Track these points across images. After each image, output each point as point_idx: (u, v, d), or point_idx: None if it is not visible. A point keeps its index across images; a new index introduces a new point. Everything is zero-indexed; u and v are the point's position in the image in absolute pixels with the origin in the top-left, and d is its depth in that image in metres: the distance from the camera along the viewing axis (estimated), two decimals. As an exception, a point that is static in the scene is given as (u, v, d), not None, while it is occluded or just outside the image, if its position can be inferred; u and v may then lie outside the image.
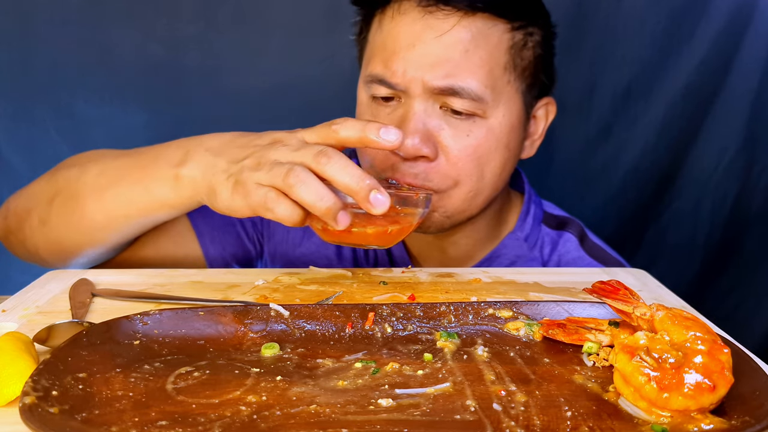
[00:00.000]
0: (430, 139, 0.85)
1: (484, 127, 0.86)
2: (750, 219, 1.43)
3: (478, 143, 0.85)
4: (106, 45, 1.40)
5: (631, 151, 1.45)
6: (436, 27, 0.82)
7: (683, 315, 0.57)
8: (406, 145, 0.83)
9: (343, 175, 0.64)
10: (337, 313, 0.67)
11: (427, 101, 0.84)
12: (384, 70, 0.85)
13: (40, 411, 0.47)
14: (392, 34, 0.85)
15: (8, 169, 1.47)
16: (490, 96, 0.84)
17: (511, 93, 0.87)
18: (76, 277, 0.81)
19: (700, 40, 1.36)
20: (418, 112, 0.84)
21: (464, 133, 0.85)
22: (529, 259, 0.99)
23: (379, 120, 0.87)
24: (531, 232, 1.00)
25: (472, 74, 0.83)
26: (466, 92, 0.83)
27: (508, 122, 0.87)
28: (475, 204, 0.90)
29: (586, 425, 0.49)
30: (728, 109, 1.39)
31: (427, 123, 0.85)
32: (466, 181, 0.87)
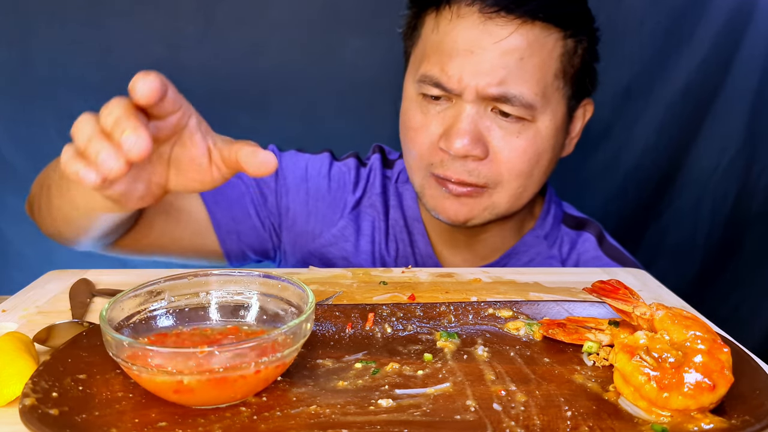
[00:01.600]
0: (481, 140, 0.86)
1: (532, 129, 0.87)
2: (750, 218, 1.43)
3: (527, 144, 0.87)
4: (106, 45, 1.40)
5: (631, 151, 1.45)
6: (495, 33, 0.83)
7: (683, 314, 0.57)
8: (456, 146, 0.85)
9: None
10: (337, 313, 0.67)
11: (479, 105, 0.86)
12: (440, 74, 0.86)
13: (40, 412, 0.47)
14: (450, 37, 0.86)
15: (8, 169, 1.47)
16: (540, 102, 0.86)
17: (558, 98, 0.89)
18: (76, 277, 0.81)
19: (700, 40, 1.36)
20: (470, 115, 0.86)
21: (514, 135, 0.87)
22: (548, 256, 1.00)
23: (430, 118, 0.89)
24: (551, 231, 1.01)
25: (525, 82, 0.84)
26: (518, 99, 0.84)
27: (554, 126, 0.89)
28: (520, 202, 0.92)
29: (586, 425, 0.49)
30: (728, 109, 1.39)
31: (478, 124, 0.86)
32: (514, 180, 0.89)
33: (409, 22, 0.95)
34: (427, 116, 0.89)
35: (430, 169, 0.90)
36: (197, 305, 0.62)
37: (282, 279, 0.61)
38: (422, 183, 0.93)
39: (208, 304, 0.62)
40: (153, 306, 0.60)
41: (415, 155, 0.92)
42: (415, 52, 0.93)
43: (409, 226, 1.03)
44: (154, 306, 0.60)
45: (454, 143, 0.85)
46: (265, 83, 1.45)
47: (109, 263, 1.53)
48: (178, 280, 0.62)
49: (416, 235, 1.02)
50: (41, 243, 1.52)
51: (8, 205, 1.50)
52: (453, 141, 0.85)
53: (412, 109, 0.92)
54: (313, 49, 1.42)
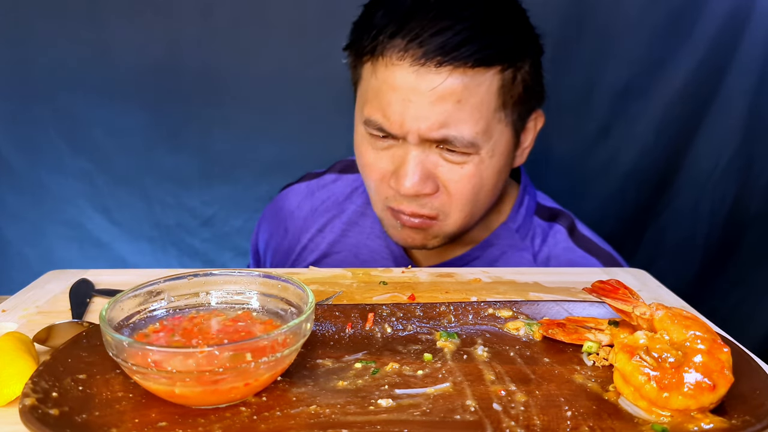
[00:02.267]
0: (430, 177, 0.89)
1: (476, 159, 0.89)
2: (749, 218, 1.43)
3: (472, 173, 0.89)
4: (106, 45, 1.40)
5: (629, 151, 1.45)
6: (429, 80, 0.84)
7: (683, 314, 0.57)
8: (406, 187, 0.88)
9: None
10: (336, 313, 0.67)
11: (423, 144, 0.88)
12: (382, 119, 0.88)
13: (40, 412, 0.47)
14: (388, 84, 0.87)
15: (8, 168, 1.47)
16: (482, 139, 0.88)
17: (501, 128, 0.90)
18: (75, 277, 0.81)
19: (698, 40, 1.35)
20: (416, 156, 0.88)
21: (458, 166, 0.89)
22: (520, 249, 1.01)
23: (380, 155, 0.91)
24: (523, 223, 1.03)
25: (465, 123, 0.86)
26: (459, 140, 0.86)
27: (499, 152, 0.91)
28: (471, 222, 0.96)
29: (586, 425, 0.49)
30: (726, 109, 1.39)
31: (425, 163, 0.89)
32: (463, 207, 0.92)
33: (351, 61, 0.96)
34: (377, 153, 0.92)
35: (386, 202, 0.94)
36: (197, 305, 0.62)
37: (282, 279, 0.62)
38: (381, 214, 0.98)
39: (207, 304, 0.62)
40: (153, 306, 0.60)
41: (371, 187, 0.96)
42: (359, 90, 0.95)
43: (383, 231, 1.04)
44: (154, 306, 0.60)
45: (403, 184, 0.88)
46: (265, 83, 1.45)
47: (109, 263, 1.54)
48: (178, 280, 0.62)
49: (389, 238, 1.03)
50: (41, 243, 1.53)
51: (8, 204, 1.50)
52: (402, 182, 0.88)
53: (363, 145, 0.94)
54: (313, 49, 1.42)
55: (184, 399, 0.51)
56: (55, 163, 1.48)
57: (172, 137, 1.48)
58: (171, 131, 1.48)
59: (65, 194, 1.50)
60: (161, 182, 1.50)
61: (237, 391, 0.51)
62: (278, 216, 1.15)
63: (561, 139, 1.46)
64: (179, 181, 1.50)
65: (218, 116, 1.47)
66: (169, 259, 1.56)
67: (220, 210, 1.52)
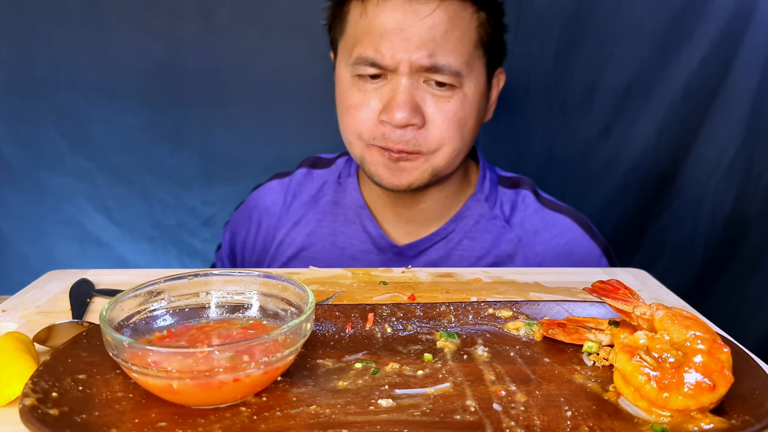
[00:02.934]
0: (418, 110, 0.95)
1: (460, 95, 0.96)
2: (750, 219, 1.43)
3: (457, 108, 0.96)
4: (106, 45, 1.40)
5: (631, 151, 1.45)
6: (420, 11, 0.92)
7: (683, 314, 0.57)
8: (397, 118, 0.93)
9: None
10: (337, 313, 0.67)
11: (413, 77, 0.94)
12: (374, 53, 0.94)
13: (40, 412, 0.47)
14: (379, 19, 0.94)
15: (8, 168, 1.47)
16: (465, 70, 0.95)
17: (480, 66, 0.98)
18: (76, 277, 0.81)
19: (699, 40, 1.35)
20: (407, 87, 0.94)
21: (444, 101, 0.95)
22: (491, 217, 1.08)
23: (368, 95, 0.97)
24: (490, 193, 1.09)
25: (451, 53, 0.93)
26: (447, 68, 0.93)
27: (478, 91, 0.99)
28: (456, 162, 1.01)
29: (586, 425, 0.49)
30: (728, 109, 1.38)
31: (414, 95, 0.95)
32: (450, 142, 0.97)
33: (334, 13, 1.03)
34: (365, 94, 0.97)
35: (373, 141, 0.98)
36: (197, 305, 0.62)
37: (282, 279, 0.62)
38: (362, 153, 1.01)
39: (208, 304, 0.63)
40: (153, 306, 0.60)
41: (354, 131, 1.00)
42: (344, 39, 1.01)
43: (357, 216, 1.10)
44: (154, 306, 0.60)
45: (395, 115, 0.93)
46: (265, 83, 1.45)
47: (109, 263, 1.54)
48: (178, 280, 0.62)
49: (365, 221, 1.09)
50: (41, 243, 1.53)
51: (8, 203, 1.50)
52: (394, 113, 0.94)
53: (349, 91, 1.00)
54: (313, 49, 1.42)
55: (184, 399, 0.51)
56: (55, 163, 1.48)
57: (172, 137, 1.48)
58: (171, 131, 1.48)
59: (65, 194, 1.50)
60: (162, 182, 1.50)
61: (237, 392, 0.51)
62: (252, 216, 1.18)
63: (563, 139, 1.46)
64: (180, 181, 1.50)
65: (219, 116, 1.46)
66: (170, 259, 1.56)
67: (220, 210, 1.52)
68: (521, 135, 1.47)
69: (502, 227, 1.07)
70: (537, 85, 1.41)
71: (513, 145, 1.46)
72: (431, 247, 1.06)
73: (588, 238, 1.06)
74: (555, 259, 1.05)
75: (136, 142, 1.48)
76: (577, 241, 1.06)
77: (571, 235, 1.06)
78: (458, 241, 1.06)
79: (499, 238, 1.06)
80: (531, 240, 1.06)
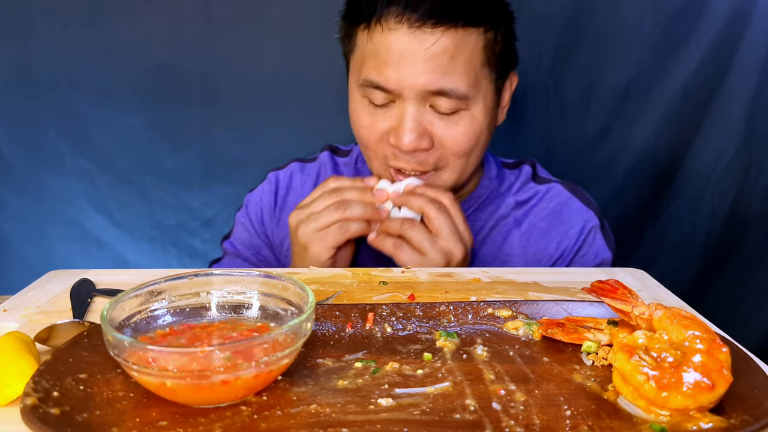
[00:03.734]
0: (426, 134, 0.97)
1: (468, 116, 0.98)
2: (749, 219, 1.43)
3: (466, 129, 0.98)
4: (106, 45, 1.41)
5: (629, 152, 1.45)
6: (424, 40, 0.92)
7: (682, 314, 0.57)
8: (405, 143, 0.96)
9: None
10: (337, 312, 0.67)
11: (419, 102, 0.96)
12: (379, 77, 0.95)
13: (41, 412, 0.47)
14: (384, 46, 0.95)
15: (8, 168, 1.47)
16: (473, 92, 0.97)
17: (487, 84, 0.99)
18: (76, 277, 0.81)
19: (698, 41, 1.36)
20: (413, 113, 0.96)
21: (453, 124, 0.97)
22: (501, 194, 1.13)
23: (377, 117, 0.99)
24: (497, 174, 1.15)
25: (458, 76, 0.94)
26: (454, 93, 0.95)
27: (486, 108, 1.00)
28: (465, 175, 1.05)
29: (585, 424, 0.50)
30: (727, 110, 1.39)
31: (421, 121, 0.96)
32: (458, 160, 1.01)
33: (345, 30, 1.04)
34: (374, 116, 1.00)
35: (386, 161, 1.01)
36: (198, 305, 0.62)
37: (282, 279, 0.62)
38: (379, 172, 1.05)
39: (208, 304, 0.63)
40: (154, 306, 0.61)
41: (369, 148, 1.03)
42: (353, 58, 1.02)
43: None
44: (155, 306, 0.61)
45: (403, 140, 0.96)
46: (265, 84, 1.45)
47: (109, 263, 1.54)
48: (179, 280, 0.62)
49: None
50: (42, 243, 1.53)
51: (9, 204, 1.50)
52: (402, 139, 0.96)
53: (359, 111, 1.02)
54: (313, 49, 1.42)
55: (184, 399, 0.51)
56: (56, 164, 1.48)
57: (172, 137, 1.48)
58: (171, 131, 1.48)
59: (66, 194, 1.50)
60: (162, 182, 1.51)
61: (237, 391, 0.51)
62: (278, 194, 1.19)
63: (562, 140, 1.47)
64: (180, 182, 1.51)
65: (219, 117, 1.47)
66: (170, 259, 1.56)
67: (220, 210, 1.52)
68: (520, 136, 1.47)
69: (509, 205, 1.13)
70: (535, 86, 1.41)
71: (512, 146, 1.46)
72: None
73: (576, 201, 1.12)
74: (544, 219, 1.11)
75: (137, 142, 1.48)
76: (565, 202, 1.12)
77: (561, 198, 1.12)
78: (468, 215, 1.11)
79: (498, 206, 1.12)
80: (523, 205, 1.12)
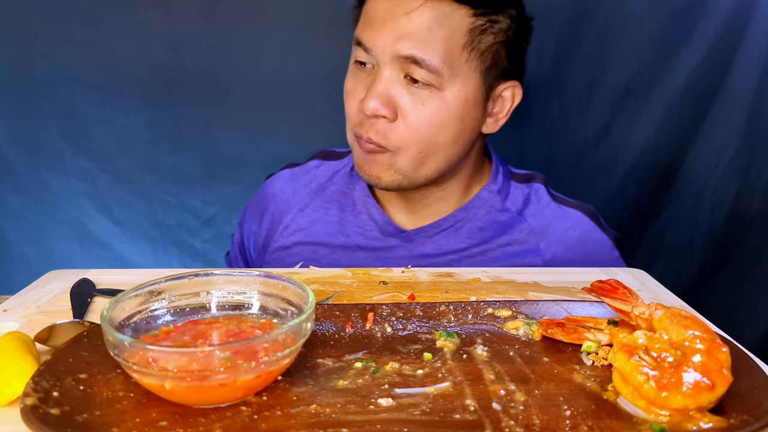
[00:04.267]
0: (391, 103, 0.95)
1: (439, 98, 0.95)
2: (749, 218, 1.43)
3: (432, 112, 0.95)
4: (107, 45, 1.41)
5: (630, 151, 1.45)
6: (404, 6, 0.93)
7: (682, 314, 0.57)
8: (368, 106, 0.94)
9: None
10: (337, 312, 0.67)
11: (393, 69, 0.94)
12: (362, 35, 0.97)
13: (41, 412, 0.47)
14: (372, 6, 0.97)
15: (8, 168, 1.47)
16: (447, 71, 0.94)
17: (468, 71, 0.96)
18: (76, 277, 0.81)
19: (699, 40, 1.36)
20: (384, 79, 0.95)
21: (420, 102, 0.95)
22: (502, 209, 1.08)
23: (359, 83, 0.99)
24: (503, 186, 1.10)
25: (433, 50, 0.92)
26: (425, 63, 0.92)
27: (463, 96, 0.96)
28: (427, 167, 0.99)
29: (585, 424, 0.50)
30: (727, 109, 1.39)
31: (390, 89, 0.95)
32: (416, 144, 0.96)
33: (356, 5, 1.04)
34: (356, 82, 0.99)
35: (354, 129, 1.00)
36: (198, 305, 0.62)
37: (282, 279, 0.62)
38: (351, 142, 1.03)
39: (208, 304, 0.63)
40: (154, 306, 0.61)
41: (347, 117, 1.02)
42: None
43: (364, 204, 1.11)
44: (155, 306, 0.61)
45: (367, 103, 0.94)
46: (265, 83, 1.45)
47: (109, 263, 1.54)
48: (179, 280, 0.62)
49: (371, 209, 1.10)
50: (42, 243, 1.53)
51: (9, 204, 1.50)
52: (367, 102, 0.95)
53: (349, 76, 1.02)
54: (313, 49, 1.42)
55: (185, 399, 0.51)
56: (56, 163, 1.48)
57: (173, 137, 1.48)
58: (172, 131, 1.48)
59: (66, 194, 1.50)
60: (162, 182, 1.51)
61: (238, 391, 0.51)
62: (261, 202, 1.19)
63: (562, 139, 1.47)
64: (180, 181, 1.51)
65: (219, 116, 1.47)
66: (170, 259, 1.56)
67: (221, 210, 1.52)
68: (520, 135, 1.47)
69: (512, 218, 1.08)
70: (536, 84, 1.41)
71: (512, 145, 1.46)
72: (440, 233, 1.07)
73: (599, 230, 1.07)
74: (569, 249, 1.06)
75: (137, 142, 1.48)
76: (589, 232, 1.07)
77: (584, 228, 1.07)
78: (468, 229, 1.07)
79: (511, 227, 1.07)
80: (544, 231, 1.07)
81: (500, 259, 1.05)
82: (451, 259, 1.05)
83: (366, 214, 1.10)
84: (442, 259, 1.05)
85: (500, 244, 1.06)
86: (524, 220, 1.07)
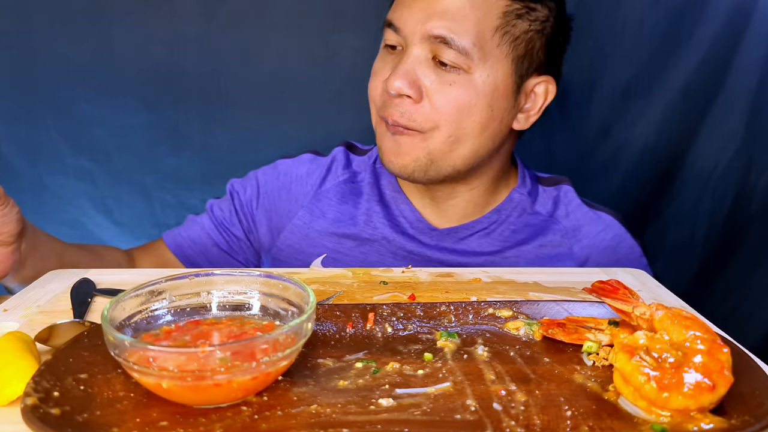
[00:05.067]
0: (416, 83, 0.93)
1: (467, 81, 0.93)
2: (749, 218, 1.43)
3: (459, 94, 0.93)
4: (107, 44, 1.41)
5: (630, 151, 1.46)
6: None
7: (682, 314, 0.57)
8: (393, 84, 0.92)
9: None
10: (337, 312, 0.67)
11: (422, 49, 0.92)
12: (392, 15, 0.96)
13: (42, 412, 0.47)
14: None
15: (8, 168, 1.47)
16: (477, 54, 0.91)
17: (499, 56, 0.93)
18: (77, 277, 0.81)
19: (699, 40, 1.36)
20: (412, 58, 0.93)
21: (447, 84, 0.92)
22: (533, 212, 1.08)
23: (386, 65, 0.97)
24: (532, 189, 1.09)
25: (464, 30, 0.91)
26: (455, 44, 0.90)
27: (492, 82, 0.94)
28: (456, 154, 0.96)
29: (585, 425, 0.50)
30: (727, 109, 1.39)
31: (416, 69, 0.93)
32: (445, 126, 0.94)
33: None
34: (384, 64, 0.98)
35: (379, 111, 0.98)
36: (198, 305, 0.62)
37: (283, 279, 0.62)
38: (375, 125, 1.02)
39: (209, 304, 0.63)
40: (154, 306, 0.60)
41: (371, 99, 1.00)
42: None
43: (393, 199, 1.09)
44: (156, 306, 0.61)
45: (392, 81, 0.92)
46: (265, 83, 1.45)
47: (109, 263, 1.53)
48: (180, 280, 0.62)
49: (401, 204, 1.08)
50: (42, 243, 1.53)
51: (8, 204, 1.50)
52: (392, 80, 0.93)
53: (377, 59, 1.00)
54: (313, 49, 1.42)
55: (185, 398, 0.51)
56: (56, 163, 1.48)
57: (173, 137, 1.48)
58: (172, 131, 1.48)
59: (66, 194, 1.50)
60: (162, 182, 1.51)
61: (238, 391, 0.51)
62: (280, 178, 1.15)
63: (562, 139, 1.47)
64: (180, 181, 1.51)
65: (219, 116, 1.47)
66: (170, 258, 1.56)
67: (220, 210, 1.52)
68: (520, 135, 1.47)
69: (545, 220, 1.07)
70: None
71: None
72: (473, 234, 1.05)
73: (630, 236, 1.07)
74: (602, 252, 1.05)
75: (137, 142, 1.48)
76: (621, 237, 1.07)
77: (616, 231, 1.07)
78: (501, 232, 1.06)
79: (545, 229, 1.06)
80: (577, 233, 1.06)
81: (534, 262, 1.04)
82: (485, 260, 1.04)
83: (395, 207, 1.08)
84: (477, 260, 1.04)
85: (534, 246, 1.05)
86: (557, 222, 1.06)
